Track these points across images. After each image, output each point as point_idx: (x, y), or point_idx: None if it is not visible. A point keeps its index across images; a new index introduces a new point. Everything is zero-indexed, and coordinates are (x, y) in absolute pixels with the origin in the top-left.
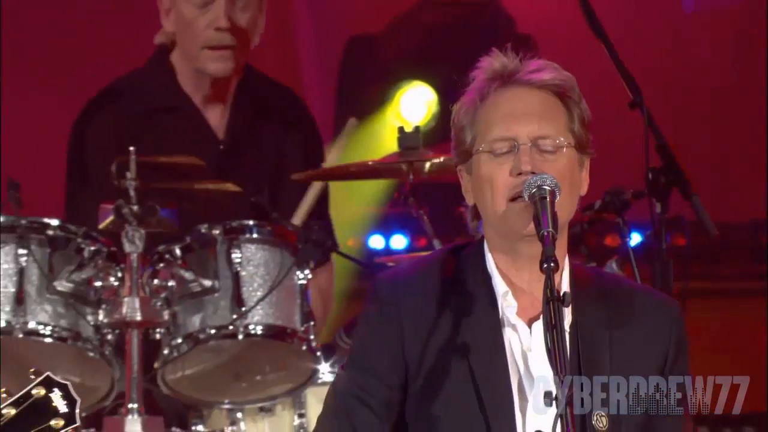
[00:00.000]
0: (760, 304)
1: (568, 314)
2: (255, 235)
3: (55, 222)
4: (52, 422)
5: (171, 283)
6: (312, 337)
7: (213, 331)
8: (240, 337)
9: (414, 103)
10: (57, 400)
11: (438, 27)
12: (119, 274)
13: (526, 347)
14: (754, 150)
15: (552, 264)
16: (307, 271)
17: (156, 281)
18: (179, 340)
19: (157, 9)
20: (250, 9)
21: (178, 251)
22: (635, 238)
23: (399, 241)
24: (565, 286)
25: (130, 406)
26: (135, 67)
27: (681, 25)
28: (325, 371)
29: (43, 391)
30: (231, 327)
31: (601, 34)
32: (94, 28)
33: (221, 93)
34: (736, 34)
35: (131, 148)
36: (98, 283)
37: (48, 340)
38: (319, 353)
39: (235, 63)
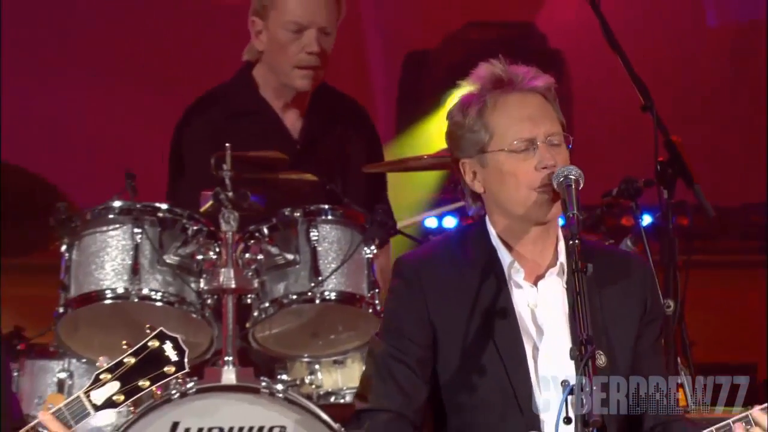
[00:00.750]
0: (751, 274)
1: (563, 279)
2: (329, 217)
3: (164, 206)
4: (165, 369)
5: (260, 257)
6: (377, 302)
7: (294, 297)
8: (317, 301)
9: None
10: (169, 350)
11: (481, 43)
12: (217, 249)
13: (532, 304)
14: (745, 144)
15: (576, 241)
16: (372, 247)
17: (247, 255)
18: (266, 304)
19: (238, 32)
20: (331, 34)
21: (265, 230)
22: (646, 219)
23: (449, 222)
24: (561, 255)
25: (226, 358)
26: (223, 78)
27: (682, 36)
28: None
29: (157, 343)
30: (309, 293)
31: (616, 47)
32: (194, 46)
33: (298, 102)
34: (732, 44)
35: (227, 145)
36: (200, 257)
37: (158, 304)
38: (383, 315)
39: (317, 79)
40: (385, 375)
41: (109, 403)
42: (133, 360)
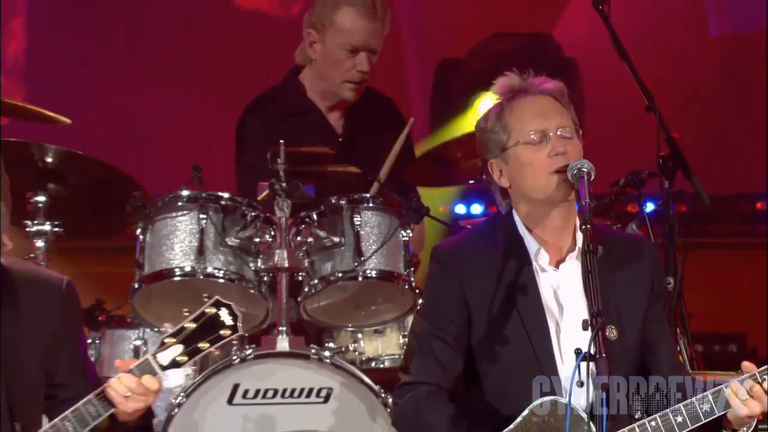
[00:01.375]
0: (742, 254)
1: (579, 264)
2: (371, 204)
3: (226, 195)
4: (222, 332)
5: (309, 240)
6: (412, 279)
7: (340, 275)
8: (359, 279)
9: (487, 108)
10: (224, 316)
11: (504, 52)
12: (272, 233)
13: (555, 286)
14: (737, 140)
15: (587, 226)
16: (408, 231)
17: (299, 238)
18: (315, 281)
19: (284, 40)
20: (378, 53)
21: (314, 216)
22: (649, 206)
23: (476, 208)
24: (580, 240)
25: (280, 328)
26: (273, 82)
27: (682, 45)
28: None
29: (214, 310)
30: (353, 271)
31: (624, 55)
32: (247, 52)
33: (341, 104)
34: (728, 52)
35: (281, 142)
36: (257, 240)
37: (221, 280)
38: (417, 290)
39: (361, 91)
40: (425, 351)
41: (174, 364)
42: (193, 325)
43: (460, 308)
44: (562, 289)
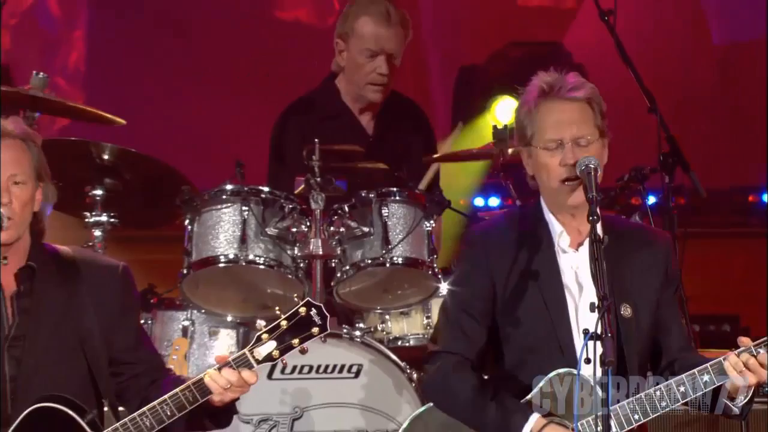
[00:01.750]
0: (736, 242)
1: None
2: (397, 198)
3: (266, 189)
4: (312, 330)
5: (342, 229)
6: (435, 265)
7: (369, 261)
8: (387, 265)
9: (503, 110)
10: (314, 316)
11: (519, 59)
12: (308, 223)
13: (575, 266)
14: (732, 139)
15: (595, 217)
16: (432, 222)
17: (332, 228)
18: (347, 267)
19: (317, 48)
20: (399, 57)
21: (346, 208)
22: (651, 199)
23: (494, 201)
24: (598, 227)
25: None
26: (311, 87)
27: (681, 51)
28: (444, 288)
29: (305, 310)
30: (381, 258)
31: (627, 60)
32: (284, 60)
33: (371, 106)
34: (720, 59)
35: (316, 141)
36: (294, 229)
37: (261, 267)
38: (439, 276)
39: (385, 92)
40: (453, 324)
41: (268, 358)
42: (286, 323)
43: (486, 286)
44: (582, 270)
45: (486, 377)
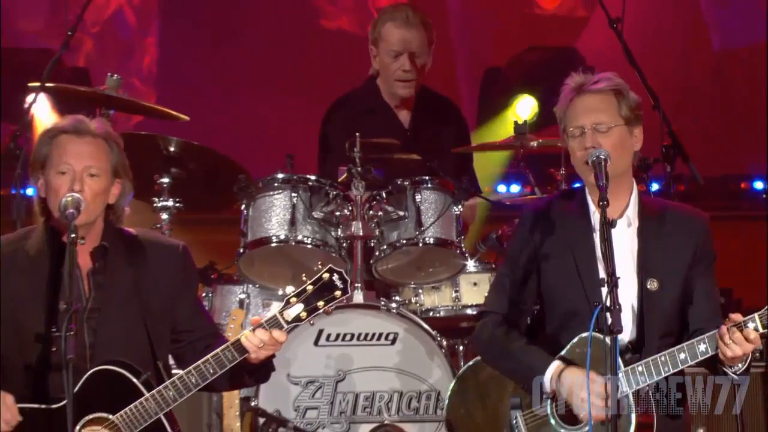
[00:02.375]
0: (730, 224)
1: (634, 229)
2: (429, 185)
3: (313, 177)
4: (335, 293)
5: (380, 213)
6: (462, 245)
7: (404, 242)
8: (420, 245)
9: (523, 107)
10: (336, 280)
11: (537, 63)
12: (350, 208)
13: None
14: (726, 133)
15: (605, 202)
16: (459, 206)
17: (371, 212)
18: (384, 247)
19: (357, 53)
20: (422, 56)
21: (384, 194)
22: (654, 186)
23: (514, 188)
24: (630, 209)
25: (356, 285)
26: (353, 85)
27: (682, 54)
28: (470, 266)
29: (328, 275)
30: (414, 239)
31: (633, 62)
32: (330, 63)
33: (406, 102)
34: (717, 63)
35: (357, 134)
36: (338, 213)
37: (309, 246)
38: (466, 254)
39: (414, 88)
40: (500, 288)
41: (297, 319)
42: (311, 288)
43: (531, 258)
44: (614, 248)
45: (529, 338)
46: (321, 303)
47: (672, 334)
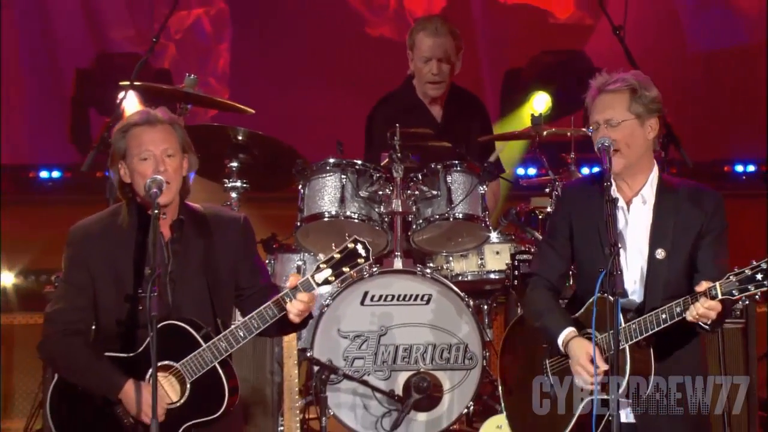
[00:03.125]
0: None
1: (650, 205)
2: (458, 168)
3: (359, 162)
4: (359, 260)
5: (416, 192)
6: (487, 220)
7: (437, 217)
8: (450, 219)
9: (539, 102)
10: (360, 249)
11: (551, 64)
12: (391, 188)
13: (626, 219)
14: (713, 122)
15: (608, 183)
16: (485, 186)
17: (408, 191)
18: (420, 221)
19: (401, 56)
20: (450, 60)
21: (419, 176)
22: None
23: (531, 171)
24: (646, 188)
25: (396, 253)
26: (391, 86)
27: (671, 55)
28: (493, 237)
29: (353, 245)
30: (446, 214)
31: (634, 64)
32: (374, 64)
33: (438, 99)
34: (703, 62)
35: (397, 125)
36: (380, 192)
37: (356, 221)
38: (490, 227)
39: (444, 88)
40: (542, 254)
41: (325, 282)
42: (339, 255)
43: (566, 227)
44: (631, 221)
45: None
46: (346, 268)
47: (676, 298)
